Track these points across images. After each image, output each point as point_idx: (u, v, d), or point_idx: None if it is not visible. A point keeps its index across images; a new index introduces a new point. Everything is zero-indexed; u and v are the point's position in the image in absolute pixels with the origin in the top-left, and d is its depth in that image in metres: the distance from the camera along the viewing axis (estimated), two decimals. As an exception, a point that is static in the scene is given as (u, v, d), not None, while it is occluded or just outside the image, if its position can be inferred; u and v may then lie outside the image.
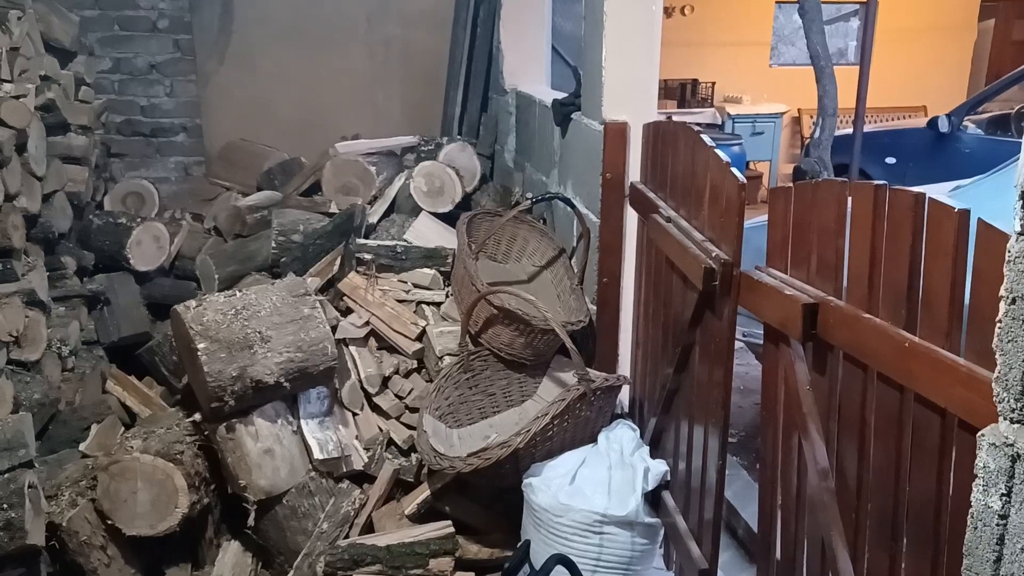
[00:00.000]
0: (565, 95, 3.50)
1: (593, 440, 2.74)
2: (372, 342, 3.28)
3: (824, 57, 5.26)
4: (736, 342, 2.21)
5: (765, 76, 9.38)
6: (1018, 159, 1.00)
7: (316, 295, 3.07)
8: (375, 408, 3.17)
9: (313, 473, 2.88)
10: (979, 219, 1.34)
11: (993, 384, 1.05)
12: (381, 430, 3.11)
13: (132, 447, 2.65)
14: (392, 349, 3.26)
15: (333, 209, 3.99)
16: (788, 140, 9.40)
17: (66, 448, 2.98)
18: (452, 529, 2.78)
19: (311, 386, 2.96)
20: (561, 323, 2.80)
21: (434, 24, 5.05)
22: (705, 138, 2.31)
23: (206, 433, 2.80)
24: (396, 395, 3.19)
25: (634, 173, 2.96)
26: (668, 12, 8.33)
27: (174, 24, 4.77)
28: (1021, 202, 0.99)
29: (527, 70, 4.56)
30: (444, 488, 2.92)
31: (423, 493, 2.93)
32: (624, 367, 3.12)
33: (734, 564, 2.83)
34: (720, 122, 8.22)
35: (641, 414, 2.92)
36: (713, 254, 2.14)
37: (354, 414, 3.13)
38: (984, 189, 3.62)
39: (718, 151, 2.22)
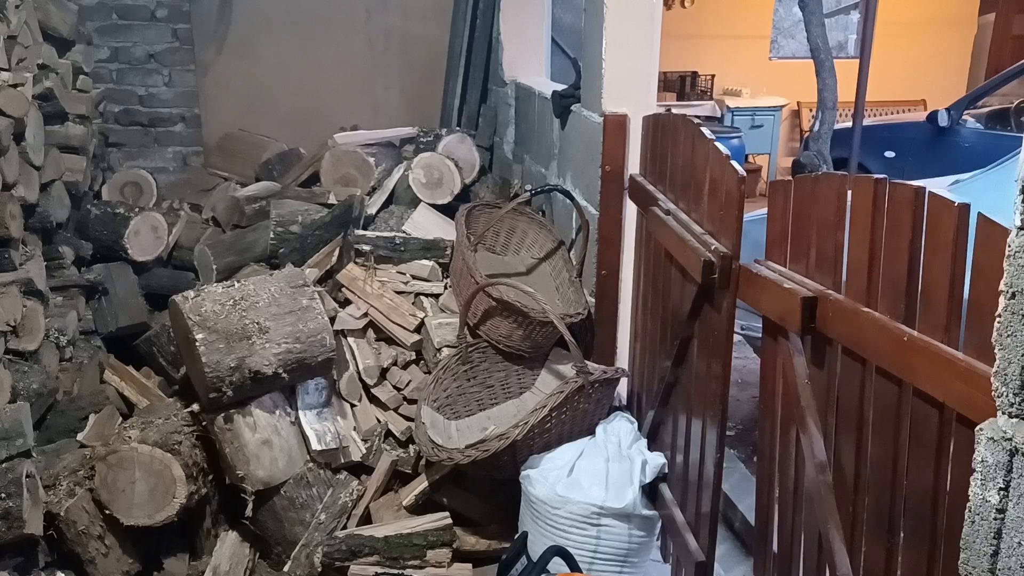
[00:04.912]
0: (564, 87, 3.49)
1: (591, 432, 2.75)
2: (370, 333, 3.28)
3: (824, 50, 5.25)
4: (734, 335, 2.21)
5: (765, 69, 9.35)
6: (1018, 154, 1.00)
7: (314, 286, 3.07)
8: (373, 399, 3.18)
9: (311, 464, 2.88)
10: (979, 213, 1.34)
11: (992, 378, 1.05)
12: (379, 421, 3.12)
13: (130, 437, 2.65)
14: (390, 340, 3.26)
15: (332, 200, 3.98)
16: (787, 133, 9.38)
17: (64, 438, 2.98)
18: (450, 520, 2.78)
19: (309, 377, 2.96)
20: (559, 315, 2.80)
21: (434, 15, 5.03)
22: (705, 130, 2.31)
23: (204, 424, 2.80)
24: (394, 386, 3.19)
25: (633, 165, 2.96)
26: (668, 4, 8.29)
27: (173, 13, 4.74)
28: (1021, 196, 0.99)
29: (527, 62, 4.55)
30: (442, 479, 2.93)
31: (421, 484, 2.94)
32: (622, 360, 3.12)
33: (731, 557, 2.83)
34: (719, 115, 8.20)
35: (639, 407, 2.93)
36: (712, 247, 2.14)
37: (352, 405, 3.13)
38: (983, 183, 3.62)
39: (718, 144, 2.22)
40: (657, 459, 2.61)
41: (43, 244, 3.48)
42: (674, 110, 2.80)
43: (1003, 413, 1.04)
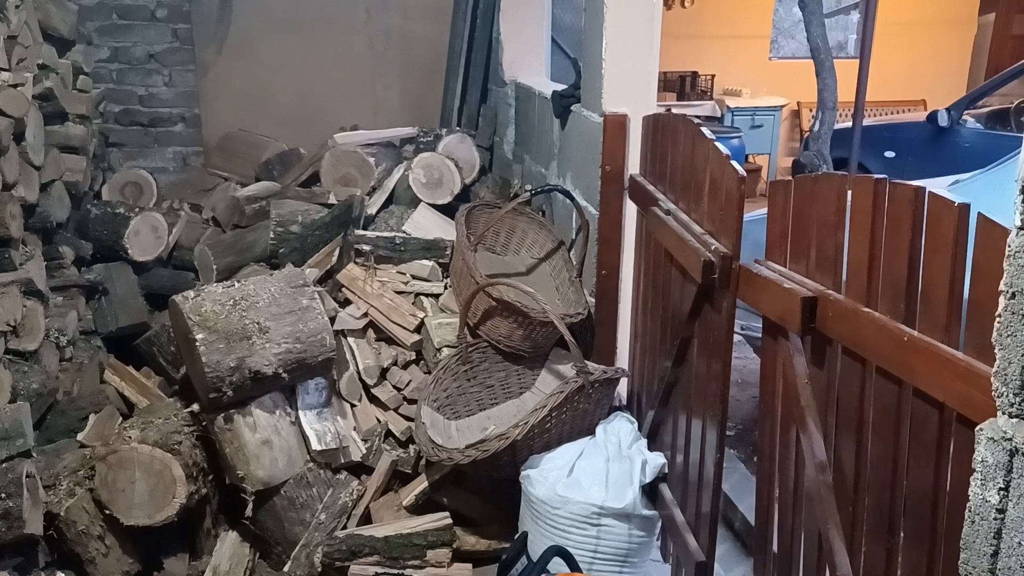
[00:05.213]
0: (564, 87, 3.49)
1: (591, 432, 2.75)
2: (370, 333, 3.28)
3: (824, 50, 5.25)
4: (734, 335, 2.21)
5: (765, 69, 9.35)
6: (1018, 154, 1.00)
7: (314, 286, 3.07)
8: (373, 399, 3.18)
9: (311, 464, 2.88)
10: (979, 213, 1.34)
11: (992, 378, 1.05)
12: (379, 421, 3.12)
13: (130, 437, 2.65)
14: (390, 340, 3.26)
15: (332, 200, 3.98)
16: (787, 133, 9.38)
17: (64, 438, 2.98)
18: (450, 520, 2.78)
19: (309, 377, 2.96)
20: (559, 315, 2.80)
21: (434, 15, 5.03)
22: (705, 130, 2.31)
23: (204, 424, 2.80)
24: (394, 386, 3.19)
25: (633, 165, 2.96)
26: (668, 4, 8.29)
27: (173, 13, 4.74)
28: (1021, 196, 0.99)
29: (527, 62, 4.55)
30: (442, 479, 2.93)
31: (421, 484, 2.94)
32: (622, 360, 3.12)
33: (731, 557, 2.83)
34: (719, 115, 8.20)
35: (639, 407, 2.93)
36: (712, 247, 2.14)
37: (352, 405, 3.13)
38: (983, 183, 3.62)
39: (718, 144, 2.22)
40: (657, 459, 2.61)
41: (43, 244, 3.48)
42: (674, 110, 2.81)
43: (1003, 413, 1.04)
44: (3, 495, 2.38)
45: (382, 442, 3.07)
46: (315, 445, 2.88)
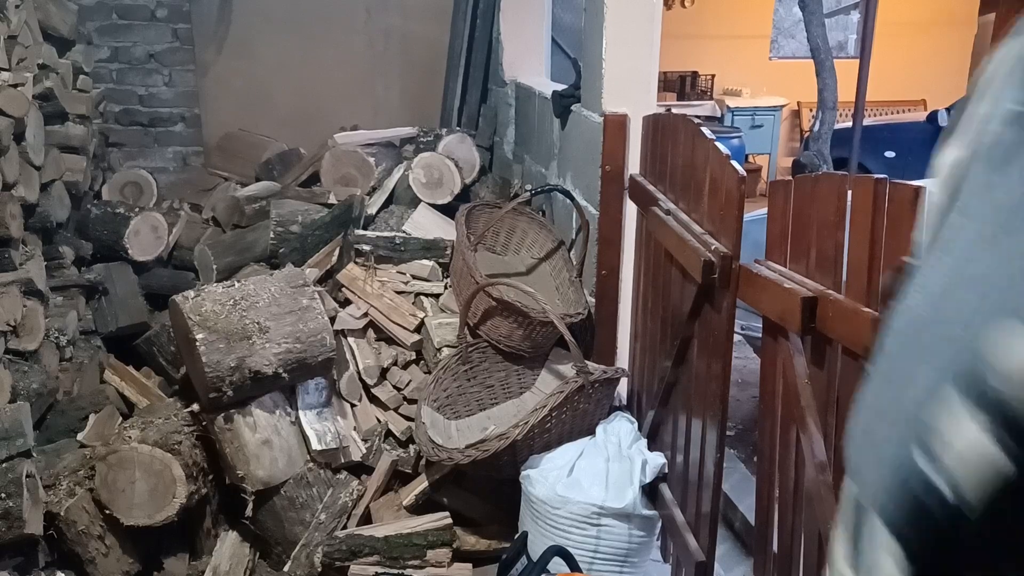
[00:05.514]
0: (565, 87, 3.49)
1: (591, 432, 2.75)
2: (370, 333, 3.28)
3: (824, 50, 5.26)
4: (735, 335, 2.21)
5: (765, 69, 9.36)
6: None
7: (314, 286, 3.07)
8: (373, 399, 3.18)
9: (311, 464, 2.88)
10: (979, 213, 1.33)
11: (992, 378, 1.05)
12: (379, 421, 3.12)
13: (130, 437, 2.65)
14: (390, 340, 3.26)
15: (332, 200, 3.98)
16: (787, 133, 9.38)
17: (64, 438, 2.98)
18: (450, 520, 2.78)
19: (309, 377, 2.96)
20: (560, 315, 2.80)
21: (434, 15, 5.03)
22: (705, 130, 2.31)
23: (204, 424, 2.80)
24: (394, 386, 3.19)
25: (633, 165, 2.96)
26: (668, 4, 8.28)
27: (173, 13, 4.74)
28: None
29: (527, 62, 4.55)
30: (442, 479, 2.93)
31: (421, 484, 2.94)
32: (622, 360, 3.12)
33: (731, 557, 2.83)
34: (719, 115, 8.20)
35: (639, 407, 2.93)
36: (712, 247, 2.14)
37: (352, 405, 3.13)
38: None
39: (718, 143, 2.22)
40: (657, 459, 2.61)
41: (43, 244, 3.48)
42: (674, 110, 2.81)
43: (1003, 413, 1.04)
44: (3, 495, 2.38)
45: (382, 442, 3.07)
46: (315, 445, 2.88)
